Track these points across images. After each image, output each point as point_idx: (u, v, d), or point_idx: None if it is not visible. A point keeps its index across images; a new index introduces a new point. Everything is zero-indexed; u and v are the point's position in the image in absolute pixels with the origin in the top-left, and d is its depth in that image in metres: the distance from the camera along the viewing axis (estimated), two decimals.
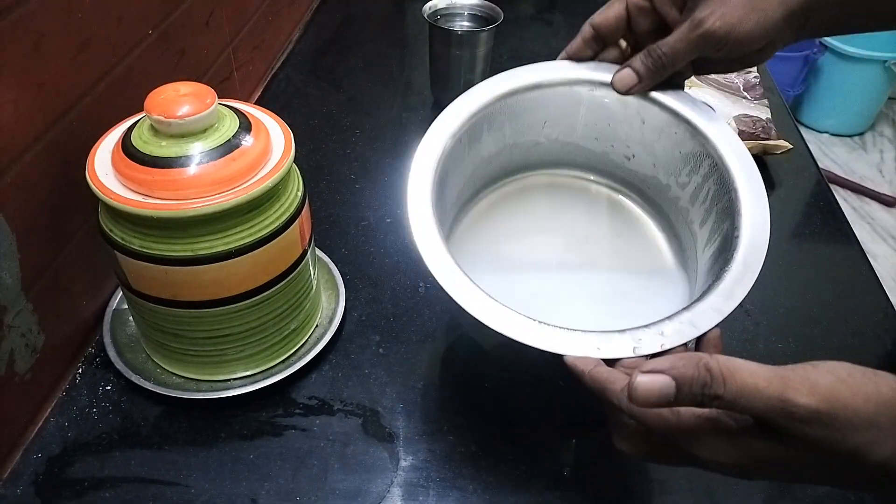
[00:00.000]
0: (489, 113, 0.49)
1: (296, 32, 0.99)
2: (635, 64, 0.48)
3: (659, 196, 0.53)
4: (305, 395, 0.51)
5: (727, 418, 0.31)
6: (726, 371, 0.29)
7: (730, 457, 0.31)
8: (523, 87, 0.49)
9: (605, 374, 0.35)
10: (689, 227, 0.50)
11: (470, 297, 0.39)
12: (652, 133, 0.50)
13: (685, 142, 0.48)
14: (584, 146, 0.54)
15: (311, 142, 0.77)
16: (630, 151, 0.52)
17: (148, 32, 0.57)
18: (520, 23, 1.04)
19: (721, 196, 0.46)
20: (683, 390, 0.30)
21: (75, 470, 0.46)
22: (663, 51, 0.46)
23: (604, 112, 0.51)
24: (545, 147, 0.54)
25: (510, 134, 0.52)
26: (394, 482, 0.46)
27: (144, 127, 0.43)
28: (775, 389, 0.28)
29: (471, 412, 0.50)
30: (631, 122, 0.50)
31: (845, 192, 2.02)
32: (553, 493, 0.45)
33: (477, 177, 0.53)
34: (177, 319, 0.47)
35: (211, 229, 0.43)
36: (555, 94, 0.50)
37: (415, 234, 0.42)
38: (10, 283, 0.44)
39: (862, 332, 0.57)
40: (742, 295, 0.40)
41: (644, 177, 0.53)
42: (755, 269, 0.41)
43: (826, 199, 0.72)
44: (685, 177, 0.49)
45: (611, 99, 0.49)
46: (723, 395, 0.29)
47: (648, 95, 0.49)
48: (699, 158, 0.47)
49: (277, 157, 0.45)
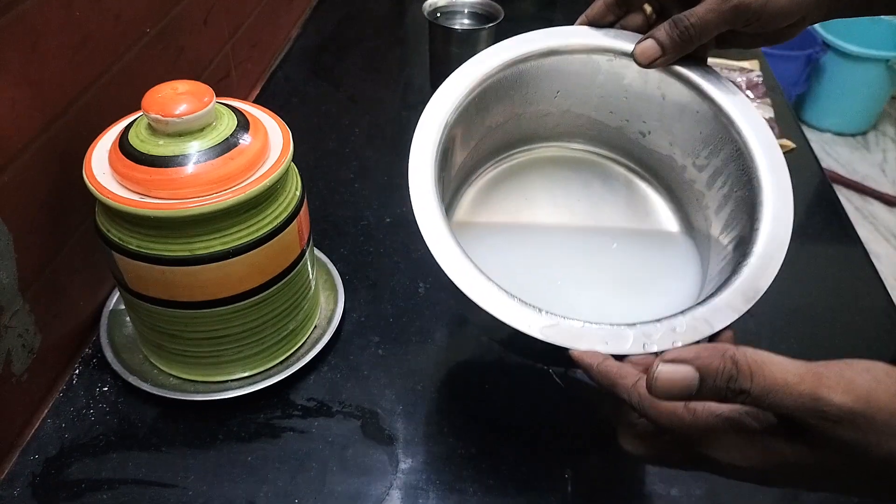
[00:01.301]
0: (499, 80, 0.46)
1: (295, 30, 0.98)
2: (659, 34, 0.44)
3: (672, 176, 0.50)
4: (304, 396, 0.51)
5: (749, 418, 0.29)
6: (754, 364, 0.27)
7: (750, 460, 0.29)
8: (537, 52, 0.46)
9: (615, 369, 0.33)
10: (703, 211, 0.47)
11: (475, 286, 0.37)
12: (672, 109, 0.47)
13: (707, 122, 0.45)
14: (596, 118, 0.50)
15: (309, 141, 0.77)
16: (646, 128, 0.49)
17: (146, 31, 0.57)
18: (520, 21, 1.03)
19: (742, 184, 0.43)
20: (707, 383, 0.28)
21: (72, 471, 0.46)
22: (691, 21, 0.42)
23: (621, 84, 0.47)
24: (555, 118, 0.51)
25: (519, 103, 0.49)
26: (393, 485, 0.45)
27: (142, 126, 0.43)
28: (807, 386, 0.26)
29: (471, 414, 0.50)
30: (650, 96, 0.47)
31: (848, 192, 2.01)
32: (554, 496, 0.45)
33: (482, 147, 0.50)
34: (174, 320, 0.46)
35: (208, 229, 0.42)
36: (570, 62, 0.47)
37: (418, 218, 0.40)
38: (7, 283, 0.44)
39: (865, 332, 0.57)
40: (760, 293, 0.38)
41: (659, 156, 0.50)
42: (775, 266, 0.39)
43: (828, 199, 0.71)
44: (703, 159, 0.46)
45: (630, 71, 0.46)
46: (749, 390, 0.27)
47: (671, 69, 0.45)
48: (721, 142, 0.45)
49: (276, 156, 0.44)
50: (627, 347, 0.35)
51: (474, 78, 0.45)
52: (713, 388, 0.28)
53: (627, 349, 0.35)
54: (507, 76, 0.46)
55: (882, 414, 0.26)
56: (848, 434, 0.26)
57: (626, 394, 0.32)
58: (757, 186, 0.42)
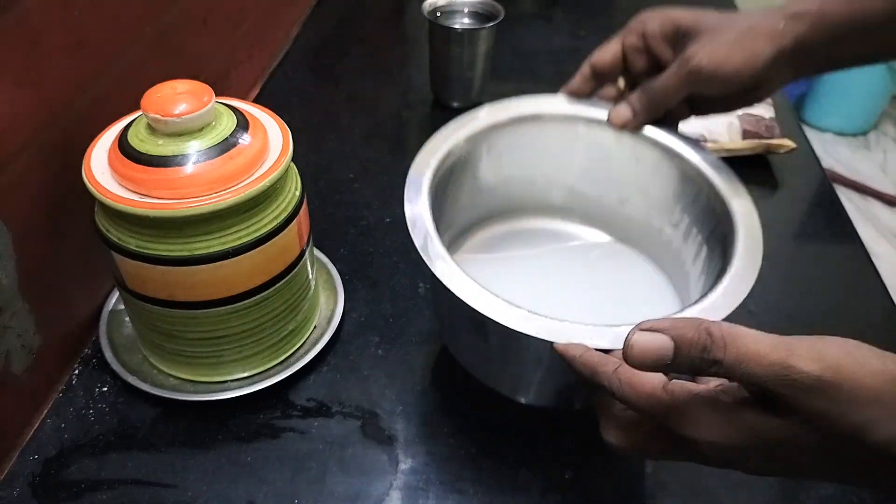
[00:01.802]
0: (488, 136, 0.50)
1: (294, 30, 0.98)
2: (631, 100, 0.50)
3: (652, 242, 0.54)
4: (303, 396, 0.51)
5: (724, 395, 0.30)
6: (728, 336, 0.28)
7: (724, 434, 0.29)
8: (523, 116, 0.51)
9: (596, 358, 0.34)
10: (682, 266, 0.50)
11: (467, 289, 0.39)
12: (646, 171, 0.51)
13: (677, 177, 0.50)
14: (578, 189, 0.55)
15: (309, 140, 0.77)
16: (624, 194, 0.54)
17: (145, 30, 0.56)
18: (520, 20, 1.04)
19: (713, 226, 0.46)
20: (682, 353, 0.28)
21: (72, 472, 0.46)
22: (655, 86, 0.48)
23: (600, 150, 0.52)
24: (541, 189, 0.55)
25: (507, 164, 0.53)
26: (393, 485, 0.45)
27: (141, 125, 0.43)
28: (778, 356, 0.27)
29: (471, 414, 0.50)
30: (626, 160, 0.52)
31: (848, 192, 2.01)
32: (554, 496, 0.45)
33: (474, 207, 0.54)
34: (174, 320, 0.46)
35: (208, 229, 0.42)
36: (553, 129, 0.52)
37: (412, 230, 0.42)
38: (7, 283, 0.44)
39: (865, 332, 0.56)
40: (744, 293, 0.39)
41: (638, 223, 0.54)
42: (754, 269, 0.40)
43: (829, 199, 0.71)
44: (678, 215, 0.50)
45: (607, 137, 0.51)
46: (723, 360, 0.28)
47: (643, 134, 0.50)
48: (691, 193, 0.49)
49: (275, 156, 0.44)
50: (607, 343, 0.36)
51: (466, 132, 0.49)
52: (687, 359, 0.28)
53: (607, 344, 0.36)
54: (496, 135, 0.51)
55: (850, 384, 0.26)
56: (817, 403, 0.27)
57: (606, 381, 0.33)
58: (726, 221, 0.44)
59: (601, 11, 1.07)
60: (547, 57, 0.94)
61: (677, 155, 0.49)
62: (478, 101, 0.84)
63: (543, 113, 0.51)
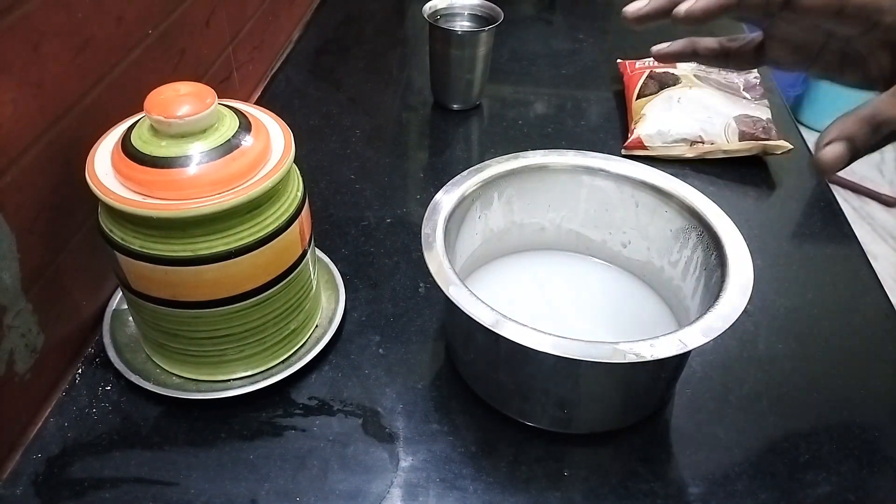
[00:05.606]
0: (500, 182, 0.54)
1: (296, 32, 0.99)
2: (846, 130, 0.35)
3: (654, 280, 0.57)
4: (305, 395, 0.51)
5: None
6: None
7: None
8: (530, 166, 0.55)
9: None
10: (682, 301, 0.53)
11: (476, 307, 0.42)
12: (645, 214, 0.55)
13: (675, 218, 0.53)
14: (584, 234, 0.59)
15: (311, 142, 0.77)
16: (626, 238, 0.57)
17: (148, 32, 0.57)
18: (520, 23, 1.04)
19: (708, 259, 0.49)
20: None
21: (75, 470, 0.46)
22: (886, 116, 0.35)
23: (602, 196, 0.56)
24: (550, 234, 0.59)
25: (518, 210, 0.57)
26: (394, 483, 0.46)
27: (144, 127, 0.43)
28: None
29: (471, 413, 0.50)
30: (626, 205, 0.55)
31: (845, 193, 2.02)
32: (553, 494, 0.45)
33: (485, 250, 0.57)
34: (176, 320, 0.47)
35: (211, 229, 0.43)
36: (559, 178, 0.56)
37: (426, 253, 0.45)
38: (10, 283, 0.44)
39: (862, 332, 0.57)
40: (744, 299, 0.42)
41: (640, 263, 0.58)
42: (739, 308, 0.43)
43: (826, 200, 0.72)
44: (676, 253, 0.53)
45: (608, 184, 0.55)
46: None
47: (641, 180, 0.54)
48: (687, 232, 0.52)
49: (277, 158, 0.45)
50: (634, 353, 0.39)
51: (480, 177, 0.53)
52: None
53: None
54: (507, 181, 0.55)
55: None
56: None
57: None
58: (721, 251, 0.47)
59: (600, 14, 1.07)
60: (546, 59, 0.94)
61: (673, 196, 0.52)
62: (477, 102, 0.84)
63: (549, 164, 0.55)
